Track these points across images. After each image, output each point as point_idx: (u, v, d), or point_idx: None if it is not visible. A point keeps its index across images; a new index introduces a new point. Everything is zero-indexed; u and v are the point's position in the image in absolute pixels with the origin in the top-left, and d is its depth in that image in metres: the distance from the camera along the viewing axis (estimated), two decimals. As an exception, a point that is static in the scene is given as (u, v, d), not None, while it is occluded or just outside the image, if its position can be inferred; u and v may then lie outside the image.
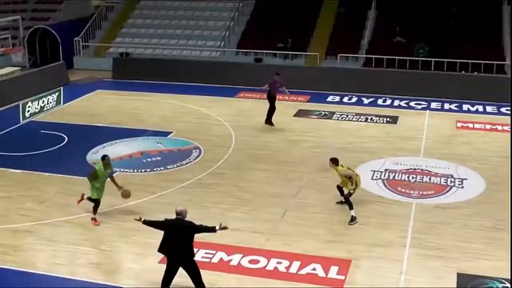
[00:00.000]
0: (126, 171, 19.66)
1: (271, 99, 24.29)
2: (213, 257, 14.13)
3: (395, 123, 25.27)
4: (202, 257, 14.03)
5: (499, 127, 24.80)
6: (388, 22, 34.91)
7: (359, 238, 15.23)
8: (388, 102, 28.59)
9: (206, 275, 12.39)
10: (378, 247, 14.80)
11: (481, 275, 13.63)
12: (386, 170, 19.78)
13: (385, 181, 18.96)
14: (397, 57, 31.63)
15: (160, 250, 12.19)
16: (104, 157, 16.13)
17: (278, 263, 13.94)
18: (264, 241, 14.99)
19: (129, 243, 14.95)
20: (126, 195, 16.34)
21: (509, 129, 24.45)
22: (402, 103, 28.12)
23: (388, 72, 30.89)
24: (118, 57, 35.31)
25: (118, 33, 38.55)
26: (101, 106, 28.26)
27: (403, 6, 35.42)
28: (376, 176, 19.27)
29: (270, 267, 13.82)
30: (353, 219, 15.98)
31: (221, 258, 14.06)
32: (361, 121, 25.56)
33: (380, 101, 28.68)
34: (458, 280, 13.42)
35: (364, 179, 18.57)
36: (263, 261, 14.02)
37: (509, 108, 27.46)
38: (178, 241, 11.98)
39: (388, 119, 25.65)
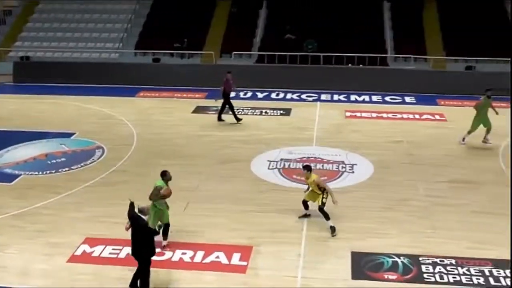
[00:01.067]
0: (31, 174, 19.09)
1: (226, 96, 24.30)
2: (120, 252, 13.95)
3: (289, 115, 25.69)
4: (110, 253, 13.86)
5: (384, 115, 25.65)
6: (279, 21, 35.37)
7: (259, 225, 15.39)
8: (281, 95, 29.04)
9: (114, 271, 12.22)
10: (277, 232, 15.02)
11: (373, 252, 14.09)
12: (281, 159, 20.07)
13: (281, 170, 19.24)
14: (288, 53, 32.13)
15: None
16: (165, 173, 14.27)
17: (183, 253, 13.92)
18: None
19: (36, 245, 14.53)
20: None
21: (394, 116, 25.37)
22: (294, 96, 28.62)
23: (279, 68, 31.35)
24: (18, 61, 34.15)
25: (18, 37, 37.29)
26: (3, 110, 27.27)
27: (292, 5, 35.95)
28: (273, 166, 19.53)
29: (176, 258, 13.78)
30: (333, 230, 14.97)
31: (128, 253, 13.89)
32: (256, 114, 25.81)
33: (273, 95, 29.09)
34: (353, 258, 13.81)
35: (261, 169, 18.85)
36: (168, 253, 13.95)
37: (393, 97, 28.51)
38: (133, 238, 12.00)
39: (282, 112, 26.03)
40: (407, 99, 28.40)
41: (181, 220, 15.53)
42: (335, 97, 28.72)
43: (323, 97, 28.62)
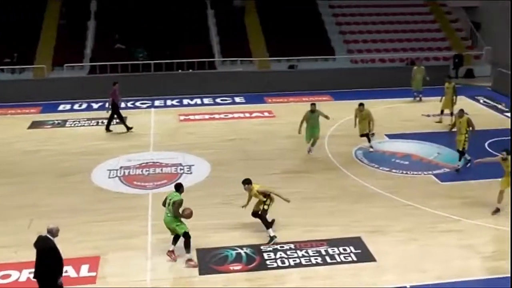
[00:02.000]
0: None
1: (114, 107, 23.60)
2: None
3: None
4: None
5: (217, 116, 26.04)
6: (108, 31, 34.69)
7: (104, 234, 15.05)
8: (117, 104, 28.45)
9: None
10: (123, 239, 14.78)
11: (217, 246, 14.29)
12: (121, 167, 19.75)
13: (121, 177, 18.93)
14: (119, 63, 31.61)
15: None
16: (180, 186, 13.90)
17: (30, 273, 13.25)
18: (13, 254, 14.18)
19: None
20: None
21: (226, 116, 25.81)
22: (129, 104, 28.17)
23: (112, 77, 30.61)
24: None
25: None
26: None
27: (120, 15, 35.42)
28: (113, 175, 19.16)
29: (23, 278, 13.12)
30: (272, 238, 14.54)
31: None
32: (93, 125, 25.17)
33: (107, 105, 28.37)
34: (198, 255, 13.91)
35: (102, 179, 18.46)
36: (15, 274, 13.26)
37: (224, 98, 28.98)
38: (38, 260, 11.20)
39: (117, 121, 25.40)
40: (237, 99, 28.99)
41: (27, 238, 14.77)
42: (168, 102, 28.70)
43: (156, 103, 28.50)
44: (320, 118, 20.71)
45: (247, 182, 14.85)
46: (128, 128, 23.92)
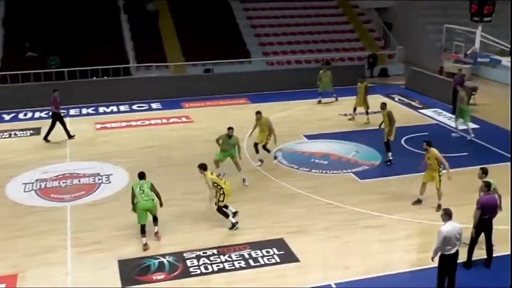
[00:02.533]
0: None
1: (56, 116, 23.29)
2: None
3: (39, 134, 24.55)
4: None
5: (134, 123, 25.71)
6: (17, 39, 33.65)
7: (21, 251, 14.59)
8: (30, 115, 27.62)
9: None
10: (41, 255, 14.38)
11: (139, 256, 14.13)
12: (37, 180, 19.20)
13: (37, 191, 18.40)
14: (31, 71, 30.70)
15: None
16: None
17: None
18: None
19: None
20: None
21: (143, 123, 25.54)
22: (43, 114, 27.34)
23: (24, 87, 29.82)
24: None
25: None
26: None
27: (30, 22, 34.42)
28: (28, 188, 18.59)
29: None
30: (234, 225, 15.53)
31: None
32: (5, 137, 24.33)
33: (21, 115, 27.59)
34: (120, 266, 13.72)
35: (16, 193, 17.93)
36: None
37: (140, 105, 28.67)
38: None
39: (32, 132, 24.85)
40: (154, 105, 28.73)
41: None
42: (84, 111, 28.10)
43: (72, 112, 27.83)
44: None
45: (200, 167, 15.42)
46: (70, 136, 23.62)
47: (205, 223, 15.78)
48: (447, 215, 12.01)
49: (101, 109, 28.16)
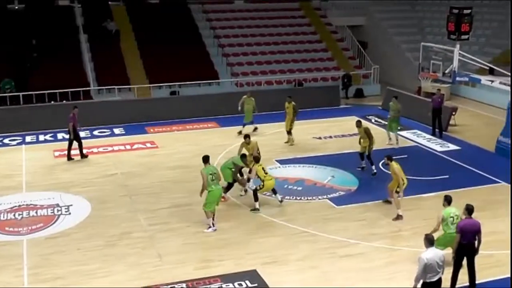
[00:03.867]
0: None
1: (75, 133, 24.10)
2: None
3: (-8, 163, 24.31)
4: None
5: (95, 150, 25.52)
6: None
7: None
8: (-18, 142, 27.33)
9: None
10: (-4, 292, 14.17)
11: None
12: (-10, 212, 18.93)
13: (-9, 223, 18.14)
14: (-17, 96, 30.42)
15: None
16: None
17: None
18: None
19: None
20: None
21: (105, 150, 25.37)
22: (-4, 141, 27.11)
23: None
24: None
25: None
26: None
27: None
28: (-19, 221, 18.32)
29: None
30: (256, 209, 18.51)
31: None
32: (-45, 167, 23.99)
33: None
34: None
35: (-32, 226, 17.65)
36: None
37: (102, 130, 28.51)
38: None
39: (-16, 160, 24.56)
40: (116, 130, 28.59)
41: None
42: (41, 137, 27.82)
43: (28, 139, 27.54)
44: None
45: (256, 160, 18.97)
46: (83, 156, 24.26)
47: (173, 256, 15.67)
48: (428, 241, 12.10)
49: (59, 136, 27.84)
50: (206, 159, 17.28)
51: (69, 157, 24.11)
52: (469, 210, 13.69)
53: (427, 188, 20.21)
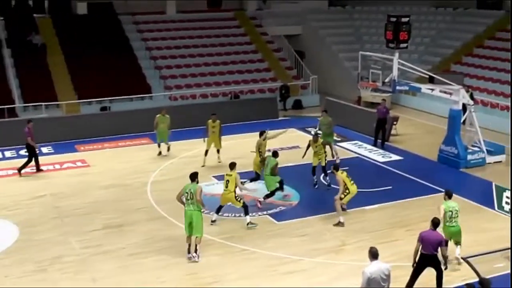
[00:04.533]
0: None
1: (31, 148, 24.35)
2: None
3: None
4: None
5: (22, 170, 25.02)
6: None
7: None
8: None
9: None
10: None
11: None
12: None
13: None
14: None
15: None
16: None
17: None
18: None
19: None
20: None
21: (32, 170, 24.90)
22: None
23: None
24: None
25: None
26: None
27: None
28: None
29: None
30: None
31: None
32: None
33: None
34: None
35: None
36: None
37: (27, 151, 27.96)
38: None
39: None
40: (44, 149, 28.04)
41: None
42: (-38, 159, 27.21)
43: None
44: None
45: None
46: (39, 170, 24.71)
47: (109, 279, 15.53)
48: (372, 255, 12.31)
49: (-20, 157, 27.30)
50: (191, 176, 16.96)
51: (39, 169, 24.79)
52: (434, 223, 14.18)
53: (370, 200, 20.57)
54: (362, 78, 28.59)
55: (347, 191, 18.52)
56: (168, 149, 26.89)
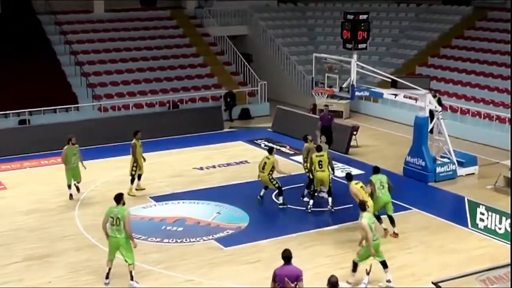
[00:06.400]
0: None
1: None
2: None
3: None
4: None
5: None
6: None
7: None
8: None
9: None
10: None
11: None
12: None
13: None
14: None
15: None
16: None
17: None
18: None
19: None
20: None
21: None
22: None
23: None
24: None
25: None
26: None
27: None
28: None
29: None
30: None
31: None
32: None
33: None
34: None
35: None
36: None
37: None
38: None
39: None
40: (-47, 170, 27.68)
41: None
42: None
43: None
44: None
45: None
46: None
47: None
48: (331, 285, 12.54)
49: None
50: (116, 198, 16.63)
51: None
52: (286, 258, 13.88)
53: (328, 221, 20.73)
54: (317, 84, 28.88)
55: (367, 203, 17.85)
56: (78, 190, 23.93)
